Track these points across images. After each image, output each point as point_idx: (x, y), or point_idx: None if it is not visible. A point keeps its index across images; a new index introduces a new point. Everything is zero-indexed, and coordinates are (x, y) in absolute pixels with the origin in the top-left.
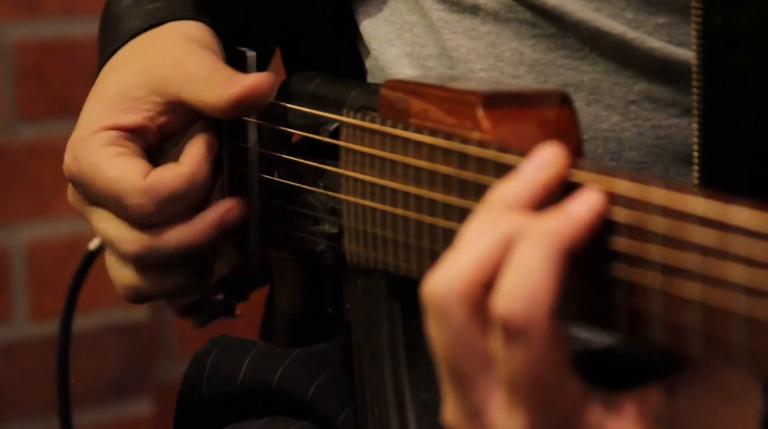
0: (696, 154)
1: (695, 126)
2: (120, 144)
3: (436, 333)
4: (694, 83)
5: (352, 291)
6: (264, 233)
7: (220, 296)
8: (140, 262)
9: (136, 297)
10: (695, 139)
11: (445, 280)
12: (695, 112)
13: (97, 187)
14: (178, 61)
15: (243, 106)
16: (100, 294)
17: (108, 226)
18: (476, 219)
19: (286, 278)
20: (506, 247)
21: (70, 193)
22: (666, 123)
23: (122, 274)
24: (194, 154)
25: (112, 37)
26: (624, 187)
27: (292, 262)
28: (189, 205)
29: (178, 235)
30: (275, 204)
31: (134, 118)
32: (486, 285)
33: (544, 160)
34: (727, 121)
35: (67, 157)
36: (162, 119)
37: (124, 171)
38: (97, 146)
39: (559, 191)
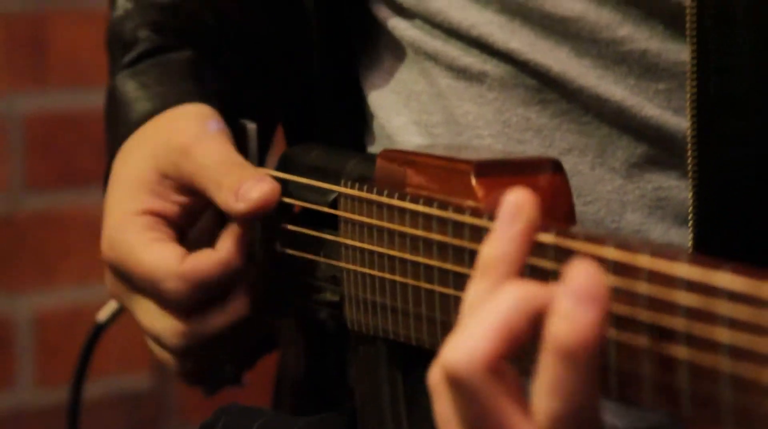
0: (691, 217)
1: (690, 190)
2: (155, 228)
3: (459, 407)
4: (689, 148)
5: (354, 357)
6: (268, 301)
7: (228, 365)
8: (184, 352)
9: (179, 375)
10: (690, 203)
11: (467, 353)
12: (690, 176)
13: (136, 273)
14: (186, 150)
15: (252, 218)
16: (105, 363)
17: (152, 318)
18: (475, 286)
19: (292, 344)
20: (527, 317)
21: (109, 282)
22: (666, 185)
23: (165, 358)
24: (229, 240)
25: (122, 123)
26: (612, 253)
27: (297, 328)
28: (224, 290)
29: (216, 321)
30: (279, 273)
31: (160, 203)
32: (506, 357)
33: (514, 213)
34: (722, 185)
35: (104, 246)
36: (183, 200)
37: (161, 256)
38: (132, 232)
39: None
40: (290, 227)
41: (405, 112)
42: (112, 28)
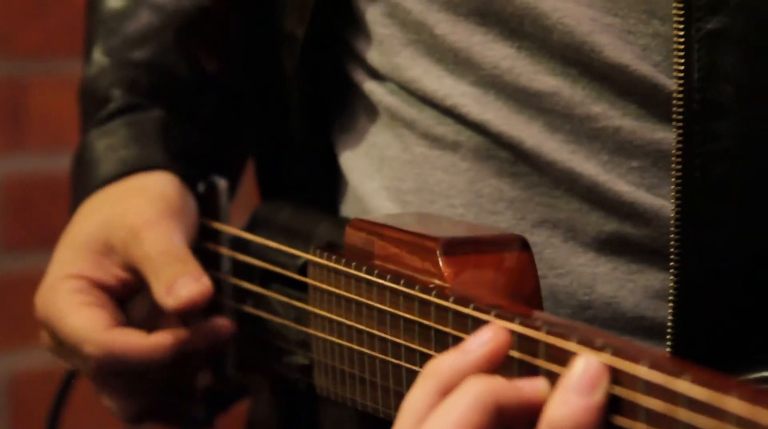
0: (671, 298)
1: (672, 275)
2: (87, 292)
3: None
4: (672, 233)
5: (325, 417)
6: (239, 359)
7: (201, 408)
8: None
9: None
10: (671, 287)
11: None
12: (672, 257)
13: (61, 334)
14: (136, 233)
15: (181, 314)
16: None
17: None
18: (418, 388)
19: (263, 395)
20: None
21: (44, 338)
22: (638, 259)
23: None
24: (166, 335)
25: (85, 181)
26: (575, 348)
27: (269, 381)
28: (141, 375)
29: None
30: (249, 332)
31: (99, 273)
32: None
33: (486, 338)
34: (703, 267)
35: (37, 303)
36: (125, 276)
37: (85, 320)
38: (63, 293)
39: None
40: (260, 290)
41: (377, 177)
42: (86, 85)
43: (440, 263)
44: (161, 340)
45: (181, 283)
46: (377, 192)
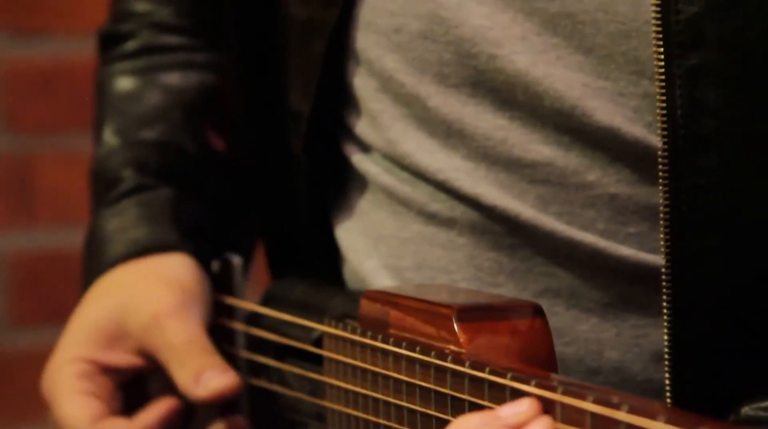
0: (666, 356)
1: (665, 329)
2: (89, 378)
3: None
4: (664, 286)
5: None
6: None
7: None
8: None
9: None
10: (665, 342)
11: None
12: (665, 315)
13: (56, 419)
14: (158, 321)
15: (207, 405)
16: None
17: None
18: None
19: None
20: None
21: (49, 416)
22: (643, 322)
23: None
24: (150, 417)
25: (97, 261)
26: (591, 407)
27: None
28: None
29: None
30: (265, 408)
31: (109, 356)
32: None
33: (522, 408)
34: (697, 324)
35: (43, 380)
36: (135, 362)
37: (77, 410)
38: (65, 377)
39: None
40: (275, 364)
41: (375, 255)
42: (96, 166)
43: (456, 329)
44: (146, 420)
45: (210, 374)
46: (377, 270)
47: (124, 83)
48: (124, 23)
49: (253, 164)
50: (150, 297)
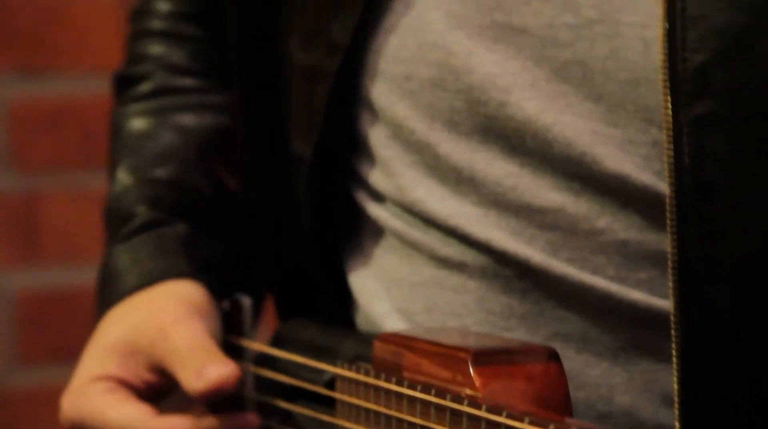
0: (676, 400)
1: (675, 374)
2: (117, 390)
3: None
4: (673, 332)
5: None
6: None
7: None
8: None
9: None
10: (675, 386)
11: None
12: (674, 359)
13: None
14: (164, 331)
15: (210, 398)
16: None
17: None
18: None
19: None
20: None
21: None
22: (653, 367)
23: None
24: (207, 423)
25: (110, 294)
26: None
27: None
28: None
29: None
30: None
31: (124, 372)
32: None
33: None
34: (706, 369)
35: (67, 406)
36: (150, 378)
37: (132, 412)
38: (95, 394)
39: None
40: (286, 406)
41: (387, 299)
42: (110, 203)
43: (471, 373)
44: (204, 424)
45: (209, 368)
46: (388, 314)
47: (139, 123)
48: (139, 65)
49: (258, 205)
50: (157, 312)
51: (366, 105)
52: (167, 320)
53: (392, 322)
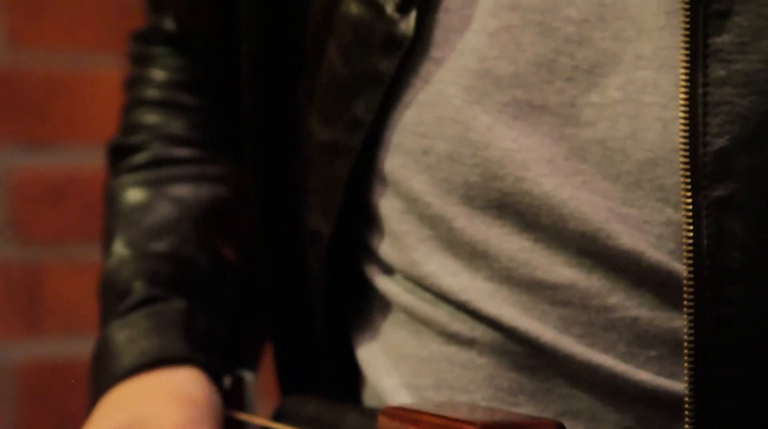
0: None
1: None
2: None
3: None
4: (686, 415)
5: None
6: None
7: None
8: None
9: None
10: None
11: None
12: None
13: None
14: None
15: None
16: None
17: None
18: None
19: None
20: None
21: None
22: None
23: None
24: None
25: (106, 374)
26: None
27: None
28: None
29: None
30: None
31: None
32: None
33: None
34: None
35: None
36: None
37: None
38: None
39: None
40: None
41: (395, 374)
42: (106, 277)
43: None
44: None
45: None
46: (396, 389)
47: (135, 195)
48: (134, 135)
49: (266, 279)
50: (161, 413)
51: (381, 179)
52: (172, 426)
53: (400, 398)
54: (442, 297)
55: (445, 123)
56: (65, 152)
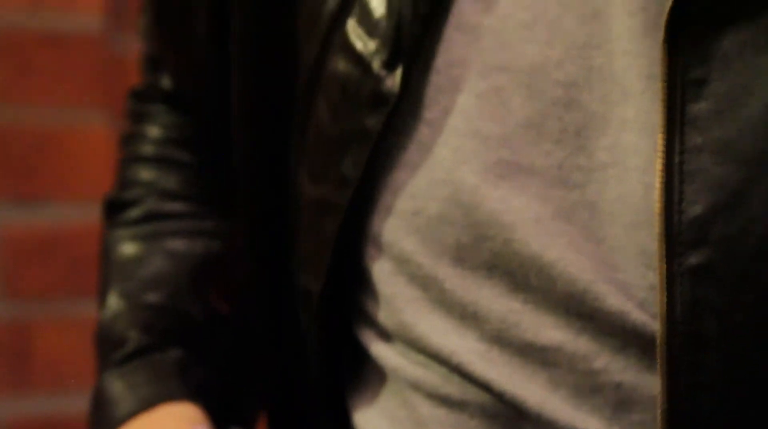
0: None
1: None
2: None
3: None
4: None
5: None
6: None
7: None
8: None
9: None
10: None
11: None
12: None
13: None
14: None
15: None
16: None
17: None
18: None
19: None
20: None
21: None
22: None
23: None
24: None
25: (106, 420)
26: None
27: None
28: None
29: None
30: None
31: None
32: None
33: None
34: None
35: None
36: None
37: None
38: None
39: None
40: None
41: None
42: (102, 329)
43: None
44: None
45: None
46: None
47: (130, 249)
48: (129, 190)
49: (260, 337)
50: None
51: (371, 240)
52: None
53: None
54: (434, 359)
55: (435, 184)
56: (53, 208)
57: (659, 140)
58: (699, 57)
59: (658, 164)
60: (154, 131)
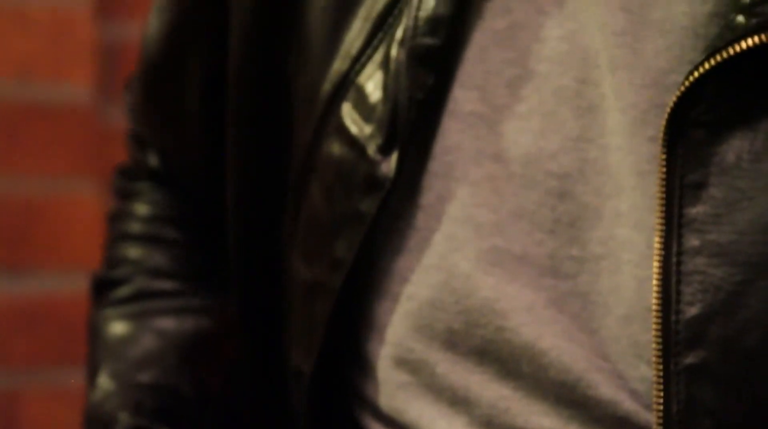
0: None
1: None
2: None
3: None
4: None
5: None
6: None
7: None
8: None
9: None
10: None
11: None
12: None
13: None
14: None
15: None
16: None
17: None
18: None
19: None
20: None
21: None
22: None
23: None
24: None
25: None
26: None
27: None
28: None
29: None
30: None
31: None
32: None
33: None
34: None
35: None
36: None
37: None
38: None
39: None
40: None
41: None
42: (91, 410)
43: None
44: None
45: None
46: None
47: (119, 328)
48: (118, 269)
49: (250, 416)
50: None
51: (364, 323)
52: None
53: None
54: None
55: (429, 270)
56: (42, 277)
57: (656, 241)
58: (697, 161)
59: (655, 264)
60: (141, 209)
